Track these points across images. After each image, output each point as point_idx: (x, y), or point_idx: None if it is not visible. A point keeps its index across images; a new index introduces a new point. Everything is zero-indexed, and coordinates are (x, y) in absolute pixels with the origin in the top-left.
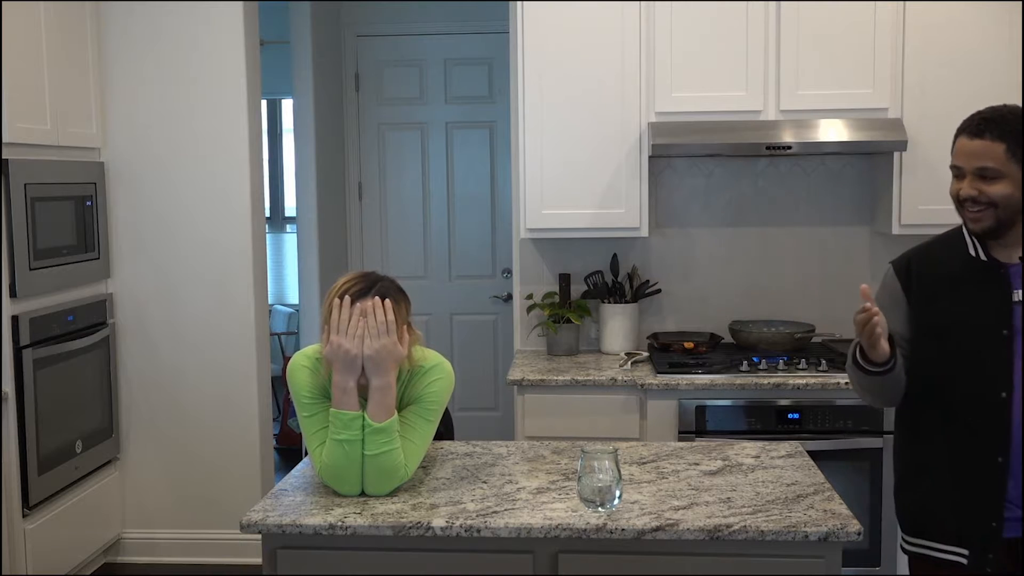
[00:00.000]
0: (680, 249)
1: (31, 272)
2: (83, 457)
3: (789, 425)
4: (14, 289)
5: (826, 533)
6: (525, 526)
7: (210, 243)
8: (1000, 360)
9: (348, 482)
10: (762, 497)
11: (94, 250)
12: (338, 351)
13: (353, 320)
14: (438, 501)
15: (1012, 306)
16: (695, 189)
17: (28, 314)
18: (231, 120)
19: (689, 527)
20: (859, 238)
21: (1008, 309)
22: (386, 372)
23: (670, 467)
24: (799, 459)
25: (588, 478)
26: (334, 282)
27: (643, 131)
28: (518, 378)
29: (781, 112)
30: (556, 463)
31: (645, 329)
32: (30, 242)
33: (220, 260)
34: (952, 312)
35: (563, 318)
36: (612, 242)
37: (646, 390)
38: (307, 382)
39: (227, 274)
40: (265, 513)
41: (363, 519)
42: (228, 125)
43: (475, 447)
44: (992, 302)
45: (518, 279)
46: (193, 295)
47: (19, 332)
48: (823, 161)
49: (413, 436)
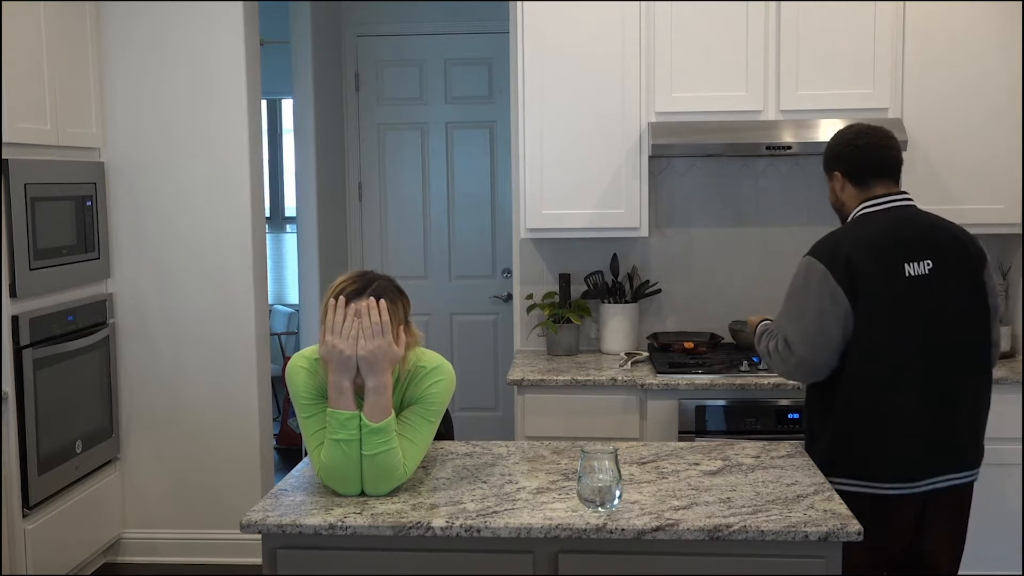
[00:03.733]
0: (680, 249)
1: (31, 272)
2: (83, 457)
3: (789, 425)
4: (14, 289)
5: (826, 533)
6: (525, 526)
7: (210, 243)
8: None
9: (347, 482)
10: (762, 497)
11: (94, 250)
12: (332, 351)
13: (348, 321)
14: (438, 501)
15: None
16: (695, 189)
17: (28, 314)
18: (231, 120)
19: (689, 527)
20: None
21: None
22: (381, 372)
23: (670, 467)
24: (799, 459)
25: (588, 478)
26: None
27: (643, 131)
28: (518, 378)
29: (781, 112)
30: (556, 463)
31: (645, 329)
32: (30, 242)
33: (220, 260)
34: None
35: (563, 318)
36: (612, 242)
37: (646, 390)
38: (305, 383)
39: (227, 274)
40: (265, 513)
41: (363, 519)
42: (228, 125)
43: (475, 447)
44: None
45: (518, 279)
46: (193, 295)
47: (19, 332)
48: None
49: (413, 436)
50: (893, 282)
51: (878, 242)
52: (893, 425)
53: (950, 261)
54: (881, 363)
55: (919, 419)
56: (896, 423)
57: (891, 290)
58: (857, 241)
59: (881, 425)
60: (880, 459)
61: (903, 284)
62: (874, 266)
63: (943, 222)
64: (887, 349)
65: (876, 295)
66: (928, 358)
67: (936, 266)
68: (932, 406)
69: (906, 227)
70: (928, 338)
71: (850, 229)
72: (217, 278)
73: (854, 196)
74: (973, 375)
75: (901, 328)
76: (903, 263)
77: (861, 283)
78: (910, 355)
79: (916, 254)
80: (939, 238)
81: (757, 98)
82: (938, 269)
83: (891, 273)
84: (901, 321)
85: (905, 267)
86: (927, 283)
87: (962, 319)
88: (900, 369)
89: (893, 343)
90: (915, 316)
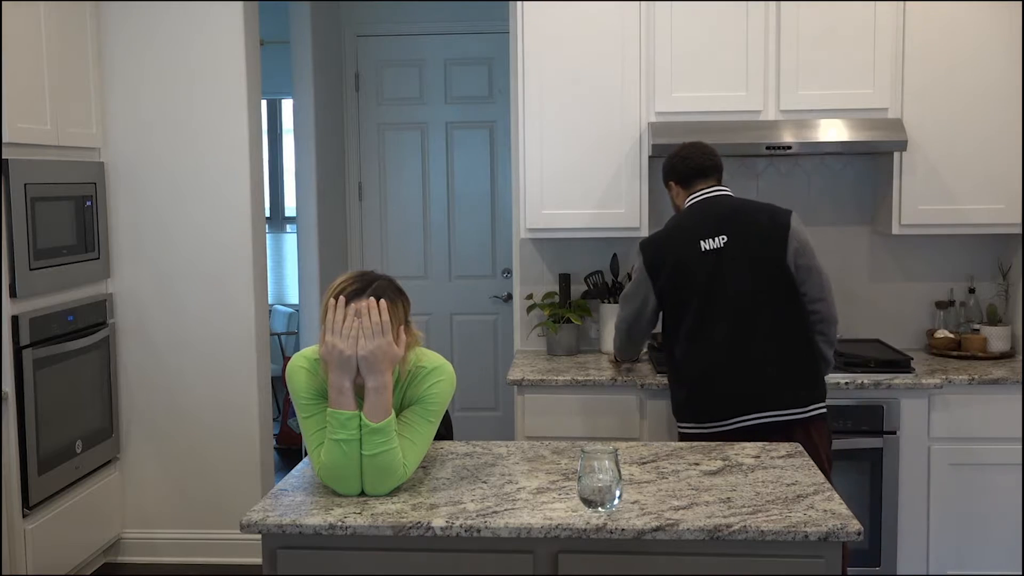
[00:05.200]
0: None
1: (31, 272)
2: (83, 457)
3: None
4: (14, 289)
5: (826, 533)
6: (525, 526)
7: (210, 243)
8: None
9: (347, 482)
10: (762, 497)
11: (94, 250)
12: (332, 351)
13: (348, 320)
14: (438, 501)
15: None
16: None
17: (28, 314)
18: (231, 120)
19: (689, 527)
20: (859, 238)
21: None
22: (381, 372)
23: (670, 467)
24: (799, 459)
25: (588, 478)
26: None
27: (643, 131)
28: (518, 378)
29: (781, 112)
30: (556, 463)
31: None
32: (30, 242)
33: (220, 260)
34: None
35: (563, 318)
36: (612, 242)
37: (646, 390)
38: (306, 383)
39: (227, 274)
40: (265, 513)
41: (363, 519)
42: (228, 125)
43: (475, 447)
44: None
45: (518, 279)
46: (193, 295)
47: (19, 332)
48: (823, 161)
49: (413, 436)
50: (690, 255)
51: (683, 226)
52: (703, 376)
53: (744, 235)
54: (684, 323)
55: (724, 369)
56: (704, 374)
57: (688, 261)
58: (670, 229)
59: (695, 377)
60: (699, 405)
61: (697, 256)
62: (677, 245)
63: (749, 205)
64: (685, 312)
65: (677, 267)
66: (725, 318)
67: (730, 240)
68: (734, 358)
69: (708, 211)
70: (723, 301)
71: (670, 220)
72: (217, 278)
73: (684, 197)
74: (775, 330)
75: (696, 293)
76: (699, 240)
77: (666, 260)
78: (711, 316)
79: (711, 231)
80: (735, 218)
81: (757, 98)
82: (732, 243)
83: (689, 248)
84: (695, 286)
85: (701, 243)
86: (718, 254)
87: (757, 283)
88: (700, 327)
89: (688, 307)
90: (708, 282)
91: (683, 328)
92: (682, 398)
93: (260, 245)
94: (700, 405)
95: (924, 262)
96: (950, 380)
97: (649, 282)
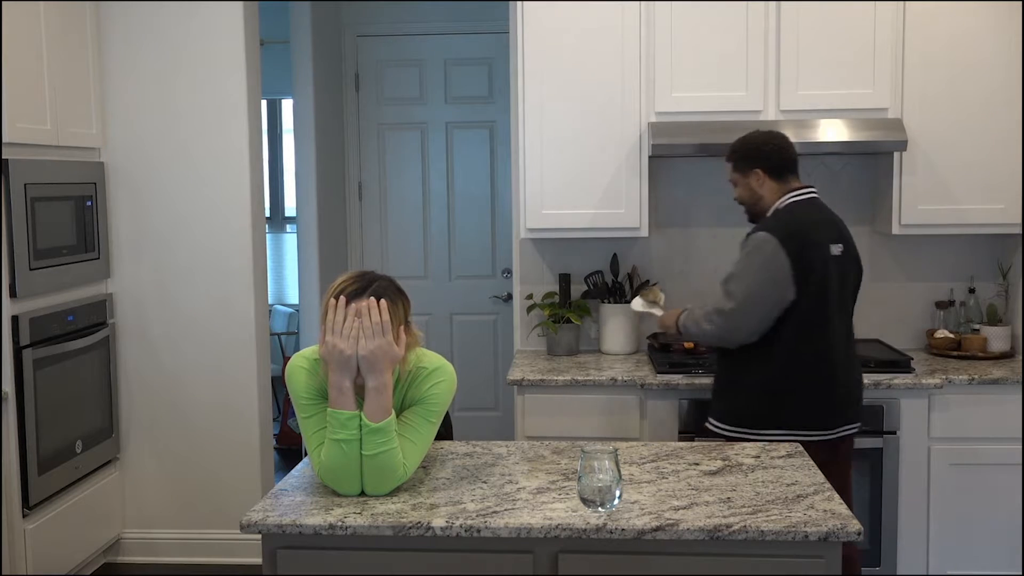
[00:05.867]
0: (680, 249)
1: (31, 272)
2: (83, 457)
3: None
4: (14, 289)
5: (826, 533)
6: (525, 526)
7: (210, 243)
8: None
9: (347, 482)
10: (762, 497)
11: (94, 250)
12: (333, 351)
13: (348, 320)
14: (438, 501)
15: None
16: (695, 189)
17: (28, 314)
18: (231, 120)
19: (689, 527)
20: (859, 238)
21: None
22: (381, 372)
23: (670, 467)
24: (799, 459)
25: (588, 478)
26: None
27: (643, 131)
28: (518, 378)
29: (781, 112)
30: (556, 463)
31: (645, 329)
32: (30, 242)
33: (220, 260)
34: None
35: (563, 318)
36: (612, 242)
37: (646, 390)
38: (305, 383)
39: (227, 274)
40: (265, 513)
41: (363, 519)
42: (228, 125)
43: (475, 447)
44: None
45: (518, 279)
46: (193, 295)
47: (19, 332)
48: (823, 161)
49: (414, 437)
50: (827, 256)
51: (812, 226)
52: (826, 381)
53: (850, 248)
54: (814, 330)
55: (838, 375)
56: (828, 379)
57: (827, 262)
58: (800, 224)
59: (817, 381)
60: (812, 411)
61: (830, 259)
62: (814, 244)
63: (838, 216)
64: (817, 317)
65: (813, 270)
66: (839, 327)
67: (845, 248)
68: (846, 364)
69: (819, 215)
70: (839, 309)
71: (788, 216)
72: (217, 278)
73: (774, 190)
74: (854, 347)
75: (827, 299)
76: (829, 244)
77: (804, 258)
78: (833, 324)
79: (835, 238)
80: (843, 229)
81: (757, 98)
82: (846, 251)
83: (825, 250)
84: (827, 293)
85: (831, 247)
86: (840, 263)
87: (853, 297)
88: (824, 334)
89: (821, 311)
90: (836, 290)
91: (803, 329)
92: (784, 403)
93: (260, 245)
94: (810, 412)
95: (924, 262)
96: (950, 380)
97: (790, 271)
